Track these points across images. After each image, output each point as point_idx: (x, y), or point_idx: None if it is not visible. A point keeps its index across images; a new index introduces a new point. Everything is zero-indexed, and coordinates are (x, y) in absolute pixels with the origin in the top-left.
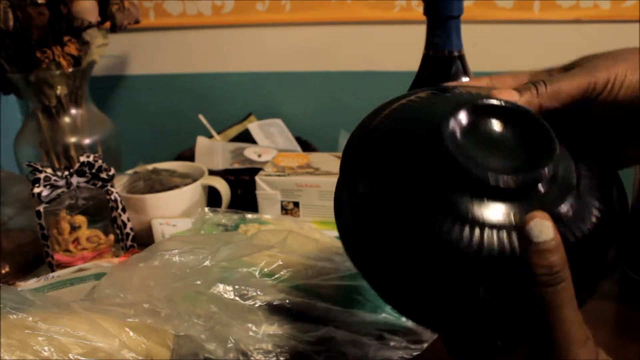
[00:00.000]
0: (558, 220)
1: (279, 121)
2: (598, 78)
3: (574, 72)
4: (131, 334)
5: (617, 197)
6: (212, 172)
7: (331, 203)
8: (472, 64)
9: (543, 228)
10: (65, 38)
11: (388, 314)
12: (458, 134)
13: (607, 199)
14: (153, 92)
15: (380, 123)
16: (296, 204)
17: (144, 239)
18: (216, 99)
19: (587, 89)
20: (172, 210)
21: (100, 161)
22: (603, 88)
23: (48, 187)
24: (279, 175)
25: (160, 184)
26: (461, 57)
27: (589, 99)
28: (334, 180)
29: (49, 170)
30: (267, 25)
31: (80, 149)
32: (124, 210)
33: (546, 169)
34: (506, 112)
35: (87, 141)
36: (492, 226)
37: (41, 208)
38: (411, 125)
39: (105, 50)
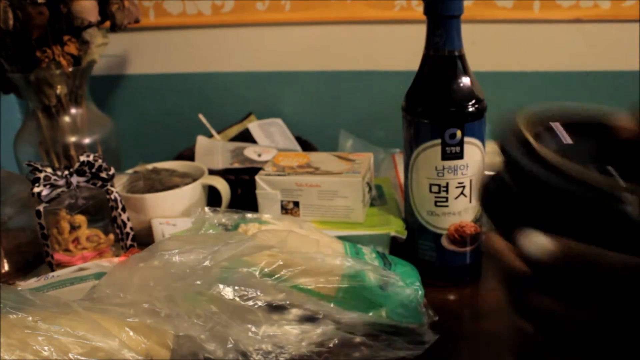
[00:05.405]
0: None
1: (279, 121)
2: None
3: None
4: (131, 334)
5: None
6: (212, 172)
7: (331, 203)
8: (472, 64)
9: None
10: (65, 37)
11: (388, 314)
12: None
13: None
14: (153, 92)
15: None
16: (296, 204)
17: (144, 239)
18: (216, 99)
19: None
20: (172, 210)
21: (100, 161)
22: None
23: (48, 186)
24: (279, 175)
25: (160, 183)
26: (461, 57)
27: None
28: (334, 180)
29: (49, 169)
30: (267, 24)
31: (80, 148)
32: (123, 209)
33: None
34: None
35: (87, 141)
36: None
37: (41, 207)
38: None
39: (105, 50)
